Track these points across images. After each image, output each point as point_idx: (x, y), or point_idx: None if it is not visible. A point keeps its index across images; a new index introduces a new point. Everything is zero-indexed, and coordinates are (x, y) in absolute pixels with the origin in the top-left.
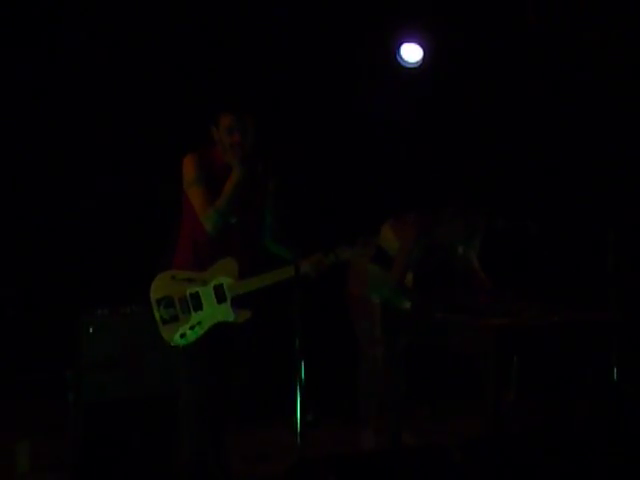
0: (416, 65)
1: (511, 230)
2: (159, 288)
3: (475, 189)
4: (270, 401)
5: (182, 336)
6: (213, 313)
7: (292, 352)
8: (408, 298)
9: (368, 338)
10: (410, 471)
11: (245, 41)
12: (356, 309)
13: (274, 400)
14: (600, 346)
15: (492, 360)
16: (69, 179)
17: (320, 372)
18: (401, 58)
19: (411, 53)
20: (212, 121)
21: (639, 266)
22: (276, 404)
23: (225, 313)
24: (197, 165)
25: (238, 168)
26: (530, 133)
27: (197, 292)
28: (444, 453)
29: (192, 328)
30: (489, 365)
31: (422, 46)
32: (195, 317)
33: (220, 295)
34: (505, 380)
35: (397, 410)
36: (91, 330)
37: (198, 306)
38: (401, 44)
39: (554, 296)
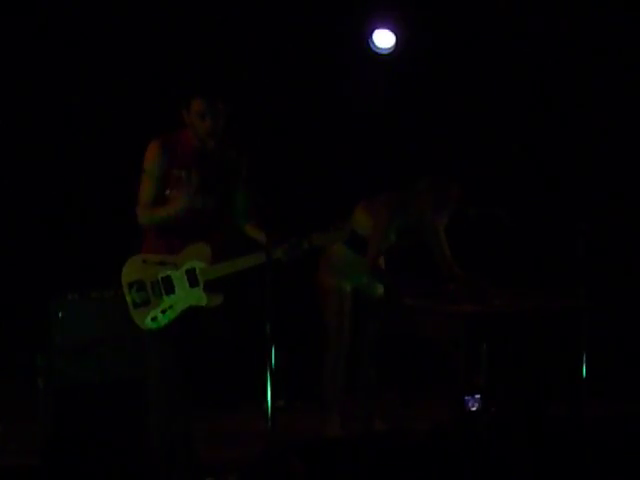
0: (389, 51)
1: (483, 218)
2: (130, 272)
3: (444, 163)
4: (241, 386)
5: (153, 320)
6: (185, 297)
7: (263, 337)
8: (381, 281)
9: (336, 328)
10: (378, 456)
11: (218, 26)
12: (326, 298)
13: (245, 385)
14: (569, 333)
15: (462, 346)
16: (40, 164)
17: (291, 358)
18: (373, 44)
19: (383, 39)
20: (183, 104)
21: (608, 254)
22: (247, 389)
23: (197, 297)
24: (156, 155)
25: (183, 201)
26: (503, 121)
27: (169, 276)
28: (410, 438)
29: (164, 312)
30: (459, 351)
31: (394, 32)
32: (167, 301)
33: (192, 279)
34: (475, 366)
35: (368, 396)
36: (61, 315)
37: (170, 290)
38: (373, 30)
39: (524, 283)
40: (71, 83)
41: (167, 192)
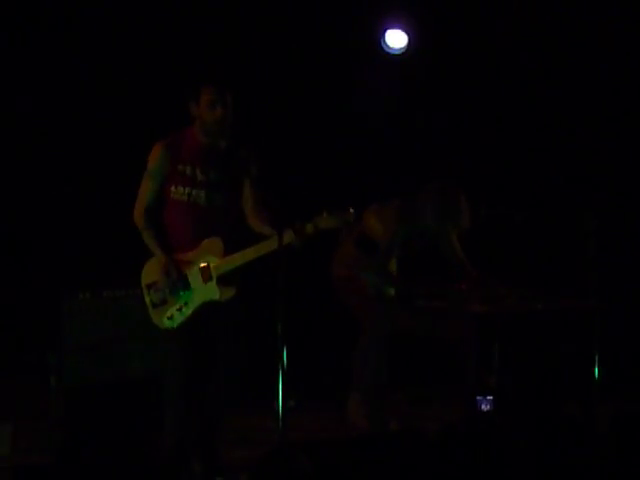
0: (401, 51)
1: (494, 218)
2: (149, 273)
3: (454, 169)
4: (253, 386)
5: (170, 318)
6: (200, 293)
7: (275, 337)
8: (392, 284)
9: (366, 307)
10: (387, 456)
11: (228, 24)
12: (345, 286)
13: (257, 385)
14: (582, 332)
15: (473, 346)
16: (53, 161)
17: (303, 357)
18: (386, 44)
19: (395, 39)
20: (192, 95)
21: (620, 253)
22: (259, 389)
23: (212, 292)
24: (159, 156)
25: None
26: (513, 120)
27: (185, 274)
28: (421, 438)
29: (179, 309)
30: (471, 351)
31: (407, 32)
32: (183, 298)
33: (206, 275)
34: (486, 366)
35: (379, 396)
36: (73, 314)
37: (186, 287)
38: (385, 30)
39: (536, 283)
40: (80, 84)
41: (172, 188)
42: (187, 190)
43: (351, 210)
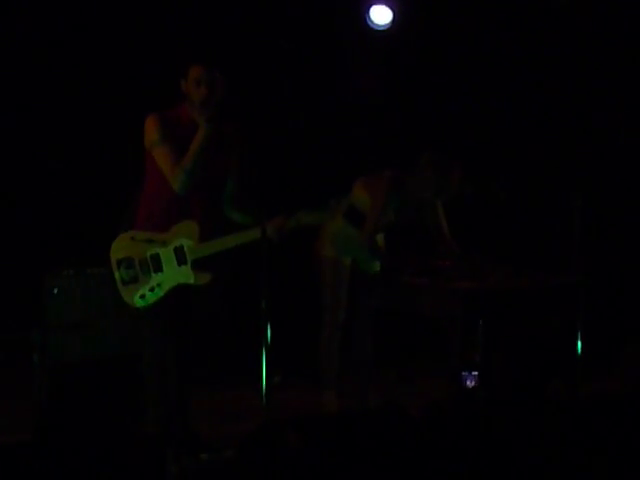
0: (386, 27)
1: (479, 196)
2: (119, 249)
3: (446, 141)
4: (237, 362)
5: (142, 297)
6: (173, 275)
7: (258, 314)
8: (378, 257)
9: (333, 301)
10: (373, 432)
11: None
12: (323, 270)
13: (242, 361)
14: (566, 309)
15: (458, 323)
16: (32, 138)
17: (287, 334)
18: (370, 21)
19: (380, 15)
20: (182, 74)
21: (605, 230)
22: (244, 366)
23: (185, 275)
24: (160, 125)
25: (204, 126)
26: (499, 97)
27: (157, 253)
28: (404, 413)
29: (152, 290)
30: (455, 328)
31: (391, 8)
32: (155, 278)
33: (180, 257)
34: (471, 342)
35: (364, 373)
36: (56, 291)
37: (158, 268)
38: (370, 6)
39: (521, 260)
40: (68, 65)
41: None
42: None
43: (332, 203)
